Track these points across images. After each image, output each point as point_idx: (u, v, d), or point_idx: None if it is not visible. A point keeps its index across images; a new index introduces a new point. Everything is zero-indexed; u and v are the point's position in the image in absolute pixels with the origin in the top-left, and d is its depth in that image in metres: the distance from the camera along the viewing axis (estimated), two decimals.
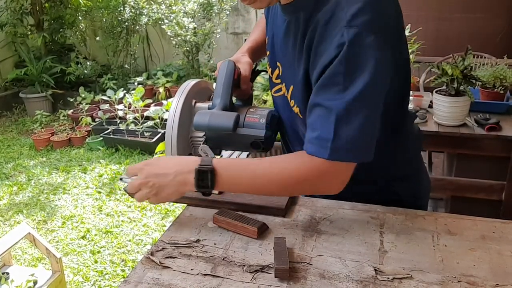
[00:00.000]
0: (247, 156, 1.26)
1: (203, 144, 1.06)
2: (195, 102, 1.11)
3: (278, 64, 1.07)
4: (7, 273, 2.03)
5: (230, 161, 0.99)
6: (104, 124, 4.43)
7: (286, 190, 0.98)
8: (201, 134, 1.08)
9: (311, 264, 0.87)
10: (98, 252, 2.73)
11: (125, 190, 0.99)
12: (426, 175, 1.23)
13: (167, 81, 5.17)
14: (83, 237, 2.89)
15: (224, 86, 1.07)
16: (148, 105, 4.50)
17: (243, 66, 1.13)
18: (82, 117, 4.49)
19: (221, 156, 1.23)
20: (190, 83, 1.11)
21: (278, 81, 1.08)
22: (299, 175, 0.92)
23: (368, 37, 0.82)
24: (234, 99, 1.12)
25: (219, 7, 5.14)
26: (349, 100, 0.83)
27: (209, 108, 1.08)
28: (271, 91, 1.14)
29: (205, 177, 0.92)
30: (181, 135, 1.07)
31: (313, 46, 0.89)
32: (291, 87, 1.00)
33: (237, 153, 1.27)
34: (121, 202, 3.30)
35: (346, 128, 0.84)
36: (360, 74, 0.83)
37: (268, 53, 1.13)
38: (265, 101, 3.96)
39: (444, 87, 2.11)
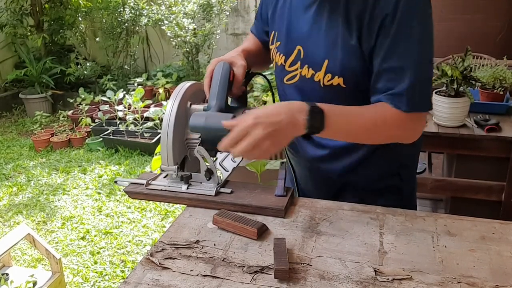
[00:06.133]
0: (242, 159, 1.24)
1: (198, 146, 1.06)
2: (191, 104, 1.10)
3: (299, 47, 1.08)
4: (7, 274, 2.04)
5: (333, 106, 0.97)
6: (103, 125, 4.43)
7: (376, 136, 1.03)
8: (197, 136, 1.07)
9: (311, 265, 0.87)
10: (98, 253, 2.72)
11: (221, 141, 0.91)
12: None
13: (167, 82, 5.18)
14: (82, 238, 2.89)
15: (219, 88, 1.06)
16: (147, 106, 4.51)
17: (238, 70, 1.11)
18: (82, 118, 4.49)
19: (216, 158, 1.21)
20: (185, 85, 1.11)
21: (295, 67, 1.10)
22: (388, 125, 0.99)
23: (420, 1, 0.95)
24: (229, 100, 1.12)
25: (219, 8, 5.15)
26: (416, 58, 0.96)
27: (204, 110, 1.07)
28: (282, 80, 1.15)
29: (316, 117, 0.92)
30: (176, 137, 1.06)
31: (366, 14, 0.96)
32: (326, 62, 1.03)
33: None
34: (121, 203, 3.30)
35: (417, 82, 0.96)
36: (418, 33, 0.95)
37: (278, 44, 1.15)
38: (265, 102, 3.96)
39: (443, 88, 2.11)
